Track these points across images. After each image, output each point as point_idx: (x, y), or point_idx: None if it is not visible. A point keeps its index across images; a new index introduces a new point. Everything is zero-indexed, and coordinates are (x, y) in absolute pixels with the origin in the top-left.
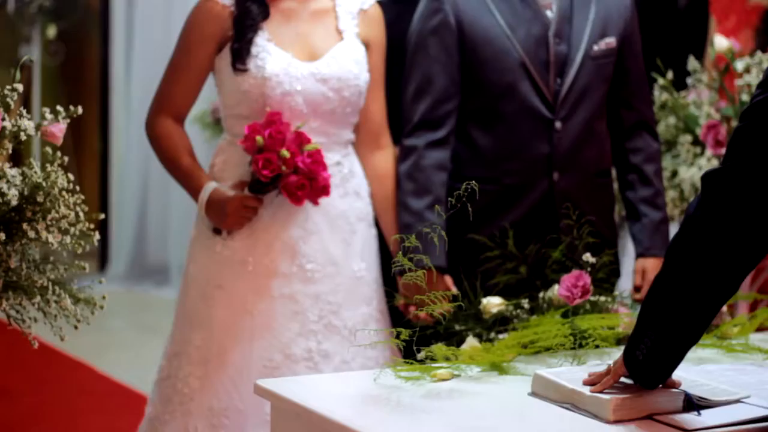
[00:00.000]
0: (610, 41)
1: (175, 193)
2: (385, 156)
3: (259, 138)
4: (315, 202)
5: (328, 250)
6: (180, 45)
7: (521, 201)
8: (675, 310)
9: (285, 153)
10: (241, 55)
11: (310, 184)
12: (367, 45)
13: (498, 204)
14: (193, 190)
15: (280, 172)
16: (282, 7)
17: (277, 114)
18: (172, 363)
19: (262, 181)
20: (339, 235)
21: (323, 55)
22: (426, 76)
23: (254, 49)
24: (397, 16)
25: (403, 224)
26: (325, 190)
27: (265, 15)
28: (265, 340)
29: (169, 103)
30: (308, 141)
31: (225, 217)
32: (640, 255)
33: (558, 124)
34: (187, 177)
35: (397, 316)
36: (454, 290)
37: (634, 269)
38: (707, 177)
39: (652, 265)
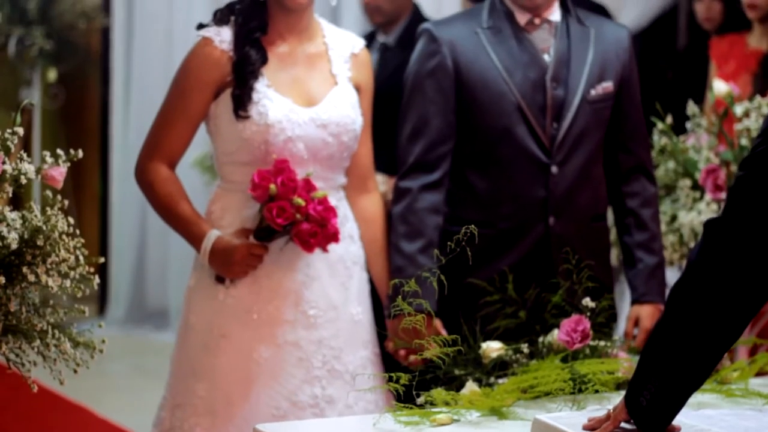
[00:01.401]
0: (608, 85)
1: (173, 237)
2: (372, 199)
3: (272, 186)
4: (325, 249)
5: (329, 294)
6: (176, 89)
7: (517, 245)
8: (679, 356)
9: (299, 201)
10: (242, 101)
11: (321, 231)
12: (357, 89)
13: (493, 248)
14: (194, 238)
15: (294, 220)
16: (278, 51)
17: (285, 161)
18: (175, 414)
19: (275, 229)
20: (338, 279)
21: (320, 100)
22: (421, 118)
23: (255, 96)
24: (404, 61)
25: (395, 267)
26: (335, 237)
27: (264, 60)
28: (271, 388)
29: (162, 149)
30: (315, 188)
31: (231, 266)
32: (635, 301)
33: (554, 169)
34: (187, 224)
35: (390, 359)
36: (444, 334)
37: (628, 316)
38: (709, 225)
39: (647, 312)
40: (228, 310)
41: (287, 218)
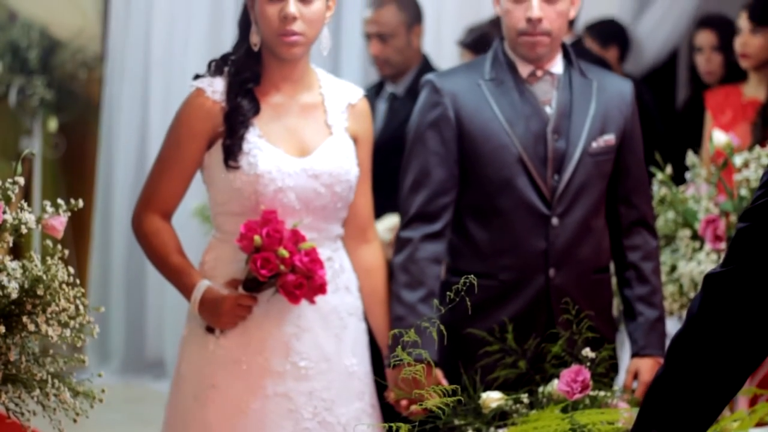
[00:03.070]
0: (609, 138)
1: (170, 286)
2: (372, 249)
3: (257, 237)
4: (311, 301)
5: (321, 346)
6: (169, 139)
7: (517, 297)
8: (679, 408)
9: (283, 252)
10: (232, 152)
11: (307, 283)
12: (355, 139)
13: (494, 299)
14: (185, 289)
15: (278, 272)
16: (272, 101)
17: (272, 212)
18: None
19: (260, 280)
20: (331, 331)
21: (314, 150)
22: (423, 169)
23: (246, 146)
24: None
25: (396, 316)
26: (321, 289)
27: (256, 110)
28: None
29: (157, 199)
30: (303, 239)
31: (220, 317)
32: (635, 354)
33: (555, 221)
34: (178, 275)
35: (388, 410)
36: (445, 384)
37: (627, 369)
38: (709, 278)
39: (646, 366)
40: (217, 360)
41: (271, 269)
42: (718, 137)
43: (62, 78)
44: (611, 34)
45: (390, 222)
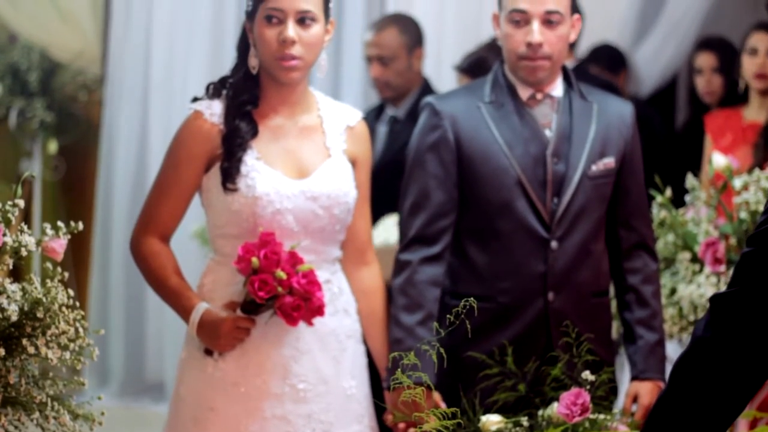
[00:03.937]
0: (609, 161)
1: (170, 309)
2: (371, 272)
3: (254, 259)
4: (309, 323)
5: (320, 368)
6: (167, 163)
7: (516, 320)
8: (682, 430)
9: (281, 274)
10: (230, 174)
11: (305, 305)
12: (353, 162)
13: (492, 322)
14: (184, 311)
15: (276, 294)
16: (270, 123)
17: (270, 234)
18: None
19: (258, 302)
20: (329, 353)
21: (312, 172)
22: (423, 192)
23: (244, 168)
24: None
25: (394, 339)
26: (319, 311)
27: (254, 133)
28: None
29: (155, 222)
30: (301, 261)
31: (218, 339)
32: (634, 377)
33: (554, 244)
34: (177, 297)
35: None
36: (443, 407)
37: (627, 392)
38: (715, 300)
39: (646, 389)
40: (216, 383)
41: (269, 291)
42: (718, 160)
43: (62, 100)
44: (619, 60)
45: (387, 223)
